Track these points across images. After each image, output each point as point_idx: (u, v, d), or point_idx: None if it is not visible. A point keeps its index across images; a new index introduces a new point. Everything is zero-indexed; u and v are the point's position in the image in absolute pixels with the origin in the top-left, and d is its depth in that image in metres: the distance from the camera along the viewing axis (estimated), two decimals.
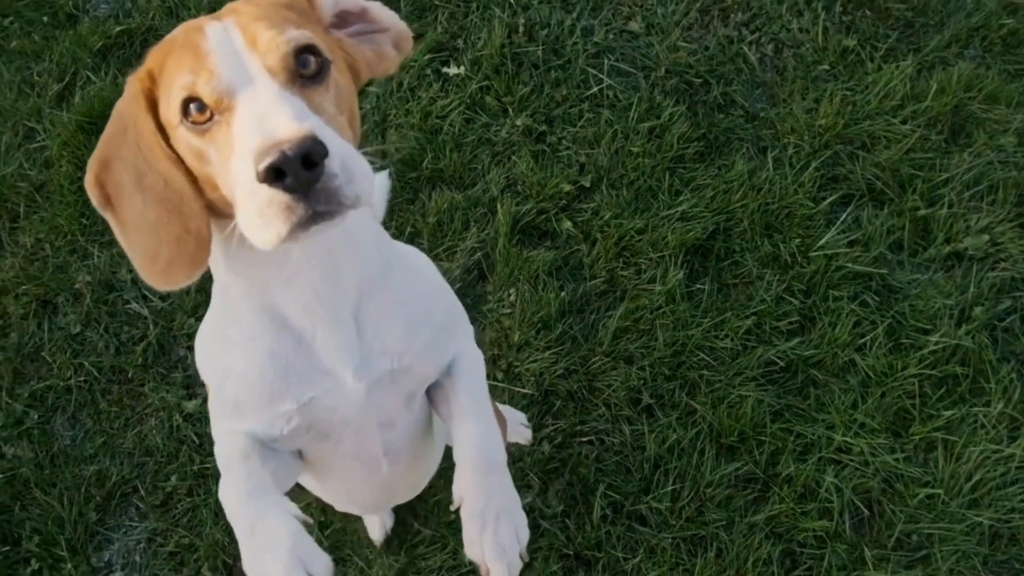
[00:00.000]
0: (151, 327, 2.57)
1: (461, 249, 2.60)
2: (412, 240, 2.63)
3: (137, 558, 2.34)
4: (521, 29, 2.90)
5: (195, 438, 2.41)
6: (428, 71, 2.86)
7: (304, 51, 1.00)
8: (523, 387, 2.43)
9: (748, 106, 2.79)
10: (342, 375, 1.23)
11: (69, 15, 3.08)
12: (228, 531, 2.22)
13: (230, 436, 1.28)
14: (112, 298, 2.63)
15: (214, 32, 0.99)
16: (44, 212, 2.75)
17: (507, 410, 2.33)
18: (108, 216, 1.10)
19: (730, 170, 2.67)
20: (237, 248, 1.08)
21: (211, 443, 1.31)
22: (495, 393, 2.43)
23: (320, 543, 2.06)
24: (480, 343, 2.31)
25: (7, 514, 2.40)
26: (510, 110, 2.78)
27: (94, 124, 2.81)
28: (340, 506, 1.78)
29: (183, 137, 1.01)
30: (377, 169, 1.24)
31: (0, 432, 2.49)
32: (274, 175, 0.88)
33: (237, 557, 2.20)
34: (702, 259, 2.58)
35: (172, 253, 1.05)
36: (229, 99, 0.97)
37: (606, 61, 2.86)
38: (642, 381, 2.42)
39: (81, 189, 2.70)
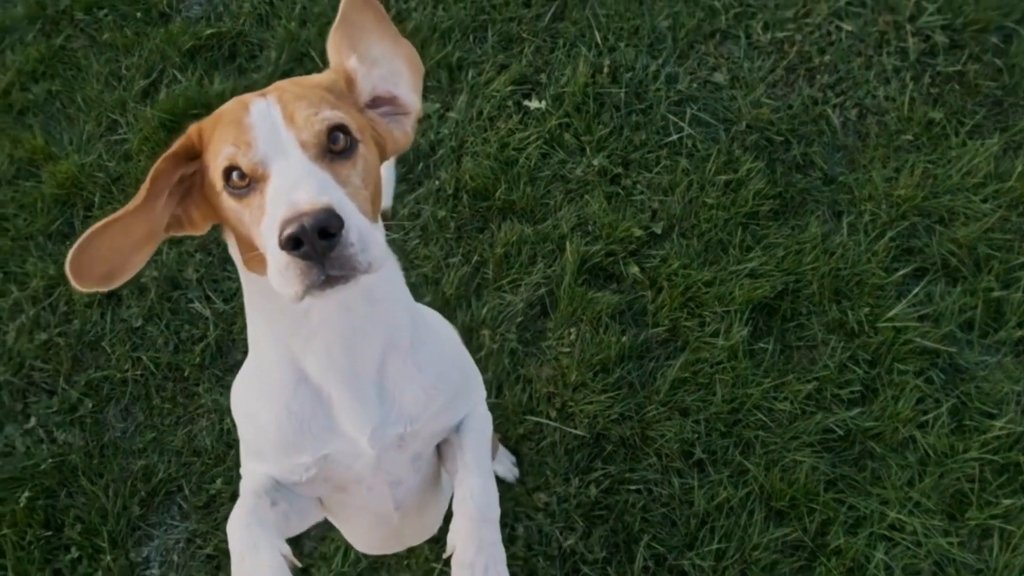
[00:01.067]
0: (211, 328, 2.65)
1: (526, 283, 2.66)
2: (478, 269, 2.69)
3: (175, 557, 2.40)
4: (606, 70, 2.96)
5: None
6: (509, 103, 2.93)
7: (336, 129, 1.12)
8: (575, 428, 2.46)
9: (827, 169, 2.83)
10: (357, 439, 1.32)
11: (162, 13, 3.19)
12: None
13: (253, 475, 1.40)
14: (176, 295, 2.71)
15: (257, 108, 1.11)
16: (118, 204, 2.85)
17: (502, 452, 2.40)
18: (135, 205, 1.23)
19: (803, 231, 2.71)
20: (268, 299, 1.20)
21: None
22: (547, 432, 2.47)
23: None
24: (536, 379, 2.37)
25: (53, 499, 2.47)
26: (588, 149, 2.84)
27: (176, 123, 2.91)
28: (360, 548, 1.90)
29: (225, 200, 1.14)
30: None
31: (54, 417, 2.57)
32: (292, 244, 1.00)
33: None
34: (767, 318, 2.61)
35: (116, 265, 1.16)
36: (264, 169, 1.09)
37: (688, 110, 2.91)
38: (696, 435, 2.45)
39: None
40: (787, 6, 3.10)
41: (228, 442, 2.50)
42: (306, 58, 3.05)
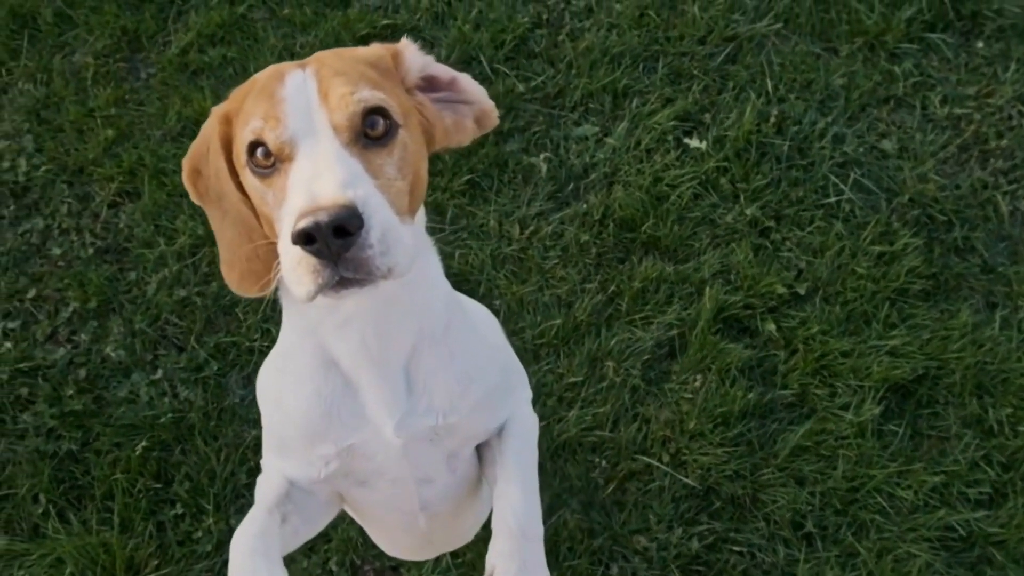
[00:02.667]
0: None
1: (658, 322, 2.69)
2: (612, 300, 2.74)
3: None
4: (772, 119, 2.98)
5: None
6: (669, 138, 2.97)
7: (373, 112, 1.06)
8: (686, 476, 2.48)
9: (988, 257, 2.78)
10: (382, 427, 1.28)
11: (344, 2, 3.33)
12: (360, 532, 2.35)
13: (272, 474, 1.39)
14: None
15: (292, 80, 1.06)
16: None
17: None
18: (204, 207, 1.23)
19: (953, 317, 2.67)
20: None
21: None
22: (656, 475, 2.50)
23: None
24: (654, 420, 2.39)
25: (167, 452, 2.60)
26: (742, 197, 2.86)
27: None
28: (387, 551, 1.85)
29: (248, 177, 1.10)
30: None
31: (180, 373, 2.71)
32: (305, 239, 0.95)
33: (365, 560, 2.33)
34: (902, 400, 2.59)
35: (244, 269, 1.17)
36: (291, 149, 1.04)
37: (851, 173, 2.91)
38: (809, 507, 2.44)
39: None
40: (970, 83, 3.07)
41: None
42: (475, 61, 3.15)
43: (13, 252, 2.93)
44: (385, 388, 1.27)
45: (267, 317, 2.77)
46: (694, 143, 2.95)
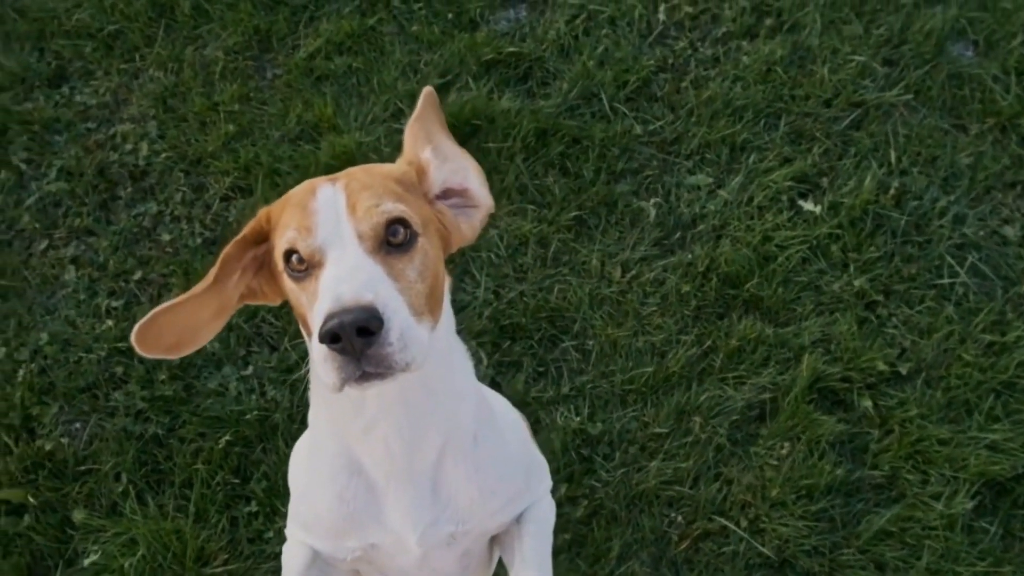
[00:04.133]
0: None
1: (751, 383, 2.68)
2: (707, 355, 2.74)
3: None
4: (892, 191, 2.95)
5: None
6: (783, 197, 2.97)
7: (396, 222, 1.17)
8: (763, 545, 2.47)
9: None
10: (405, 537, 1.37)
11: (472, 20, 3.41)
12: None
13: (298, 546, 1.47)
14: None
15: (323, 194, 1.18)
16: None
17: None
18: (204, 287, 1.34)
19: None
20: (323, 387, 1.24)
21: None
22: (732, 539, 2.48)
23: None
24: (736, 483, 2.39)
25: (248, 449, 2.67)
26: (852, 267, 2.84)
27: (457, 129, 3.10)
28: None
29: (285, 281, 1.22)
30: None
31: (269, 372, 2.78)
32: (330, 338, 1.04)
33: None
34: (996, 497, 2.53)
35: (182, 339, 1.28)
36: (321, 256, 1.15)
37: (968, 256, 2.87)
38: None
39: None
40: None
41: None
42: (595, 98, 3.19)
43: (125, 233, 3.06)
44: (409, 499, 1.35)
45: None
46: (808, 206, 2.95)
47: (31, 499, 2.58)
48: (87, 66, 3.47)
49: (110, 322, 2.86)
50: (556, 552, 2.34)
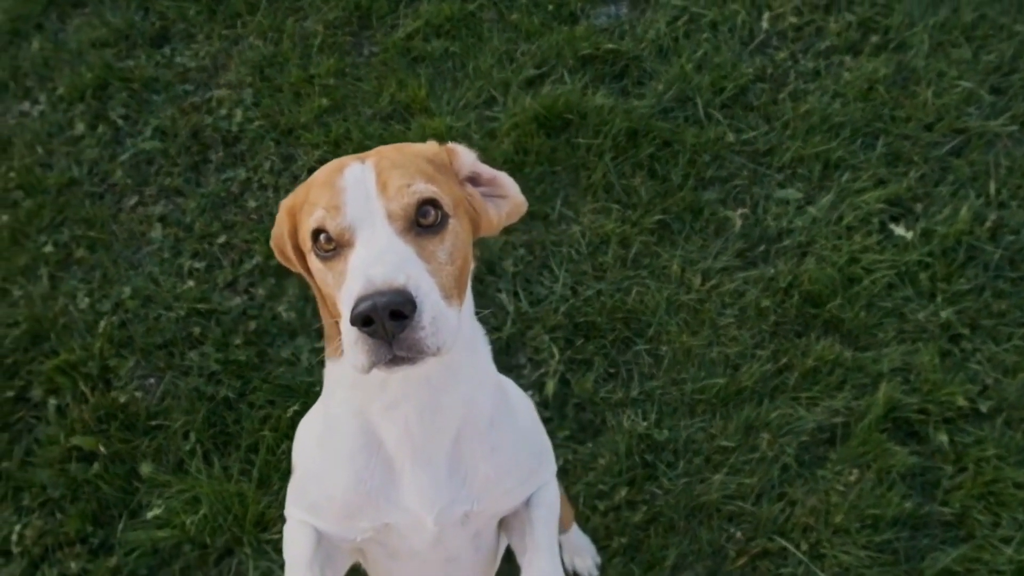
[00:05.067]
0: (508, 324, 2.82)
1: (824, 405, 2.65)
2: (781, 372, 2.71)
3: None
4: (988, 223, 2.89)
5: None
6: (874, 220, 2.92)
7: (426, 203, 1.15)
8: (822, 570, 2.44)
9: None
10: (421, 515, 1.36)
11: (572, 13, 3.41)
12: None
13: (301, 529, 1.46)
14: (488, 280, 2.90)
15: (352, 172, 1.16)
16: None
17: (583, 541, 2.40)
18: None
19: None
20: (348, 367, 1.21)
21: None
22: (790, 561, 2.46)
23: None
24: (799, 505, 2.36)
25: None
26: (939, 297, 2.78)
27: (549, 122, 3.11)
28: None
29: (313, 260, 1.20)
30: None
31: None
32: (363, 321, 1.03)
33: None
34: None
35: (333, 333, 1.24)
36: (350, 235, 1.13)
37: None
38: None
39: (511, 171, 3.00)
40: None
41: None
42: (690, 102, 3.17)
43: (212, 196, 3.12)
44: (427, 478, 1.35)
45: None
46: (899, 230, 2.90)
47: (102, 448, 2.65)
48: (189, 29, 3.54)
49: (191, 283, 2.92)
50: (610, 556, 2.35)
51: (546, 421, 2.54)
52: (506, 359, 2.78)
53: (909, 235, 2.89)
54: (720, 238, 2.93)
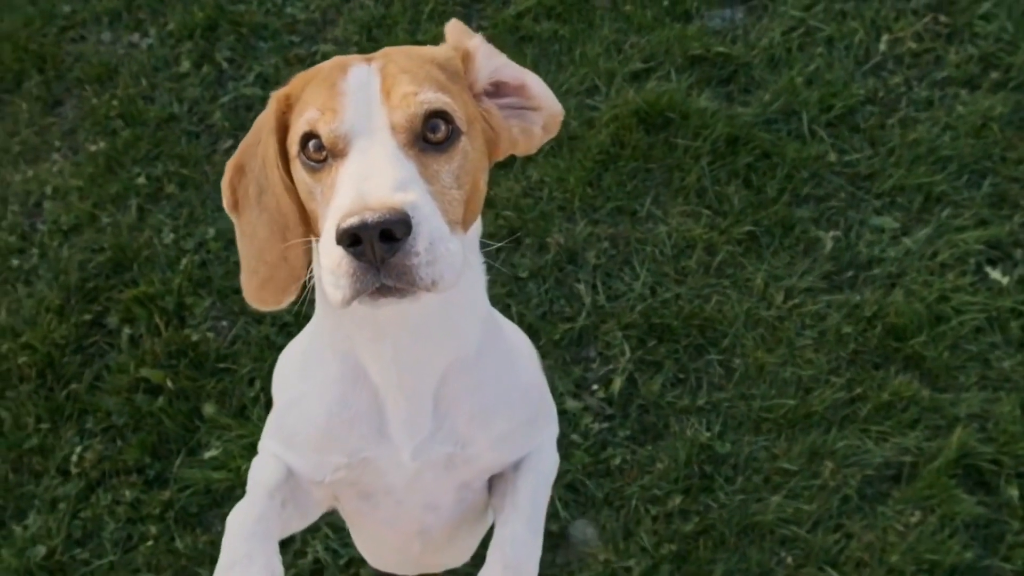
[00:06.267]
0: (583, 316, 2.80)
1: (894, 442, 2.59)
2: (853, 401, 2.66)
3: None
4: None
5: (577, 437, 2.61)
6: (971, 260, 2.84)
7: (436, 115, 1.03)
8: None
9: None
10: (401, 448, 1.26)
11: (686, 12, 3.36)
12: None
13: (272, 461, 1.35)
14: (568, 269, 2.89)
15: (356, 74, 1.04)
16: (561, 160, 3.06)
17: None
18: (233, 219, 1.21)
19: None
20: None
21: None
22: None
23: None
24: (856, 539, 2.32)
25: None
26: None
27: (649, 118, 3.08)
28: (370, 562, 1.82)
29: (297, 169, 1.08)
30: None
31: None
32: (349, 239, 0.92)
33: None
34: None
35: (267, 275, 1.14)
36: (345, 144, 1.01)
37: None
38: None
39: (598, 164, 2.98)
40: None
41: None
42: (795, 116, 3.12)
43: None
44: (410, 409, 1.25)
45: (512, 293, 2.85)
46: (995, 274, 2.82)
47: (169, 383, 2.70)
48: None
49: None
50: (657, 563, 2.34)
51: (608, 418, 2.55)
52: (576, 350, 2.77)
53: (1005, 280, 2.81)
54: (808, 257, 2.88)
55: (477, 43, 1.15)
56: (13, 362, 2.77)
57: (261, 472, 1.34)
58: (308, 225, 1.11)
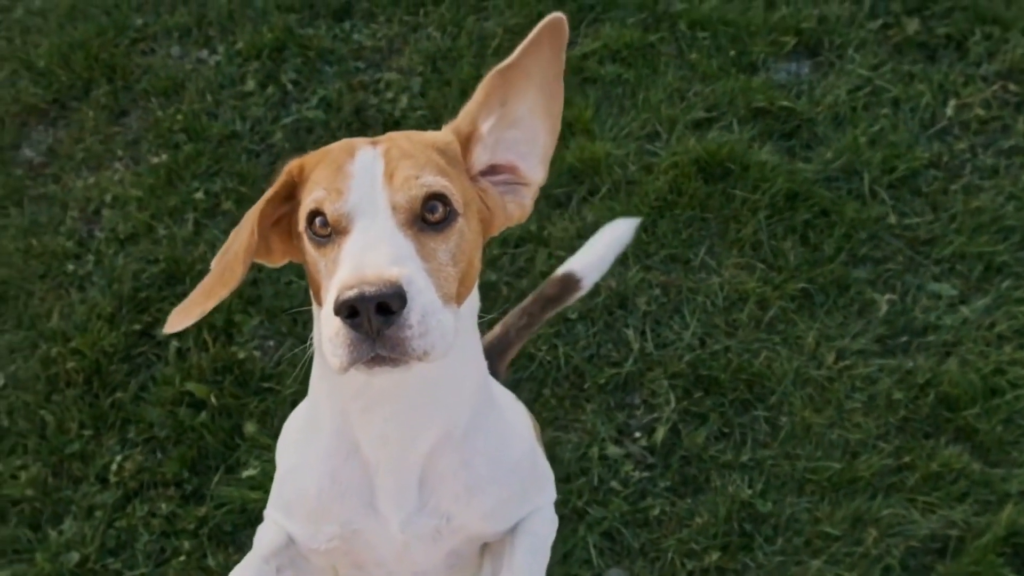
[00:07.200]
0: (630, 362, 2.77)
1: (941, 514, 2.53)
2: (900, 470, 2.61)
3: None
4: None
5: (617, 484, 2.59)
6: None
7: (434, 198, 1.09)
8: None
9: None
10: (389, 521, 1.30)
11: (752, 63, 3.34)
12: None
13: (273, 527, 1.41)
14: (618, 314, 2.87)
15: (362, 157, 1.10)
16: (617, 203, 3.05)
17: None
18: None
19: None
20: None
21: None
22: None
23: None
24: None
25: None
26: None
27: (709, 168, 3.06)
28: None
29: (305, 243, 1.14)
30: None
31: None
32: (347, 311, 0.96)
33: None
34: None
35: (192, 303, 1.21)
36: (348, 223, 1.07)
37: None
38: None
39: (654, 211, 2.97)
40: None
41: (583, 467, 2.63)
42: (856, 175, 3.09)
43: None
44: (397, 484, 1.29)
45: (559, 333, 2.84)
46: None
47: (213, 399, 2.71)
48: (372, 8, 3.61)
49: None
50: None
51: (649, 467, 2.52)
52: (621, 395, 2.75)
53: None
54: (862, 319, 2.84)
55: (486, 130, 1.21)
56: (61, 366, 2.79)
57: (262, 537, 1.41)
58: (242, 277, 1.18)
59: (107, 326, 2.87)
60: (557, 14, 1.15)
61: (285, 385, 2.74)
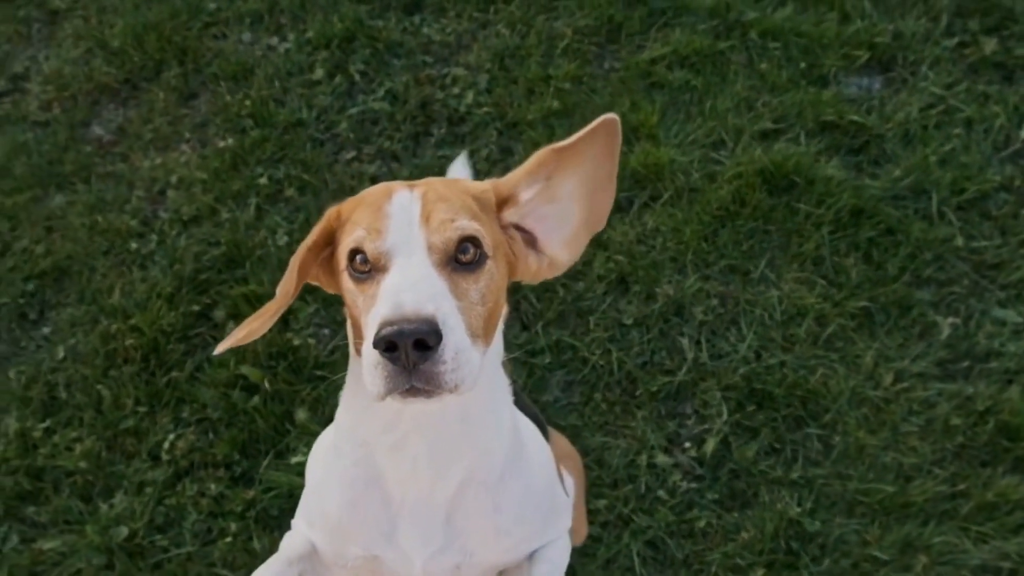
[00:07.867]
0: (683, 371, 2.75)
1: (994, 544, 2.48)
2: (954, 497, 2.55)
3: None
4: None
5: (664, 494, 2.57)
6: None
7: (467, 240, 1.14)
8: None
9: None
10: (411, 558, 1.34)
11: (822, 76, 3.30)
12: None
13: (299, 536, 1.45)
14: (674, 321, 2.85)
15: (399, 199, 1.15)
16: (679, 211, 3.03)
17: None
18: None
19: None
20: (360, 395, 1.20)
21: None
22: None
23: None
24: None
25: None
26: None
27: (773, 180, 3.03)
28: None
29: (345, 280, 1.18)
30: None
31: (516, 348, 2.83)
32: (386, 345, 1.01)
33: None
34: None
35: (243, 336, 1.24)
36: (386, 260, 1.12)
37: None
38: None
39: (716, 220, 2.94)
40: None
41: (631, 474, 2.61)
42: (924, 195, 3.04)
43: (425, 169, 3.17)
44: (423, 521, 1.33)
45: (614, 338, 2.83)
46: None
47: (266, 384, 2.73)
48: (443, 3, 3.62)
49: None
50: None
51: (697, 479, 2.50)
52: (673, 404, 2.73)
53: None
54: (923, 341, 2.79)
55: (526, 197, 1.26)
56: (120, 343, 2.84)
57: (288, 542, 1.47)
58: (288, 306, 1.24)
59: (166, 305, 2.91)
60: (611, 115, 1.20)
61: (337, 374, 2.75)
